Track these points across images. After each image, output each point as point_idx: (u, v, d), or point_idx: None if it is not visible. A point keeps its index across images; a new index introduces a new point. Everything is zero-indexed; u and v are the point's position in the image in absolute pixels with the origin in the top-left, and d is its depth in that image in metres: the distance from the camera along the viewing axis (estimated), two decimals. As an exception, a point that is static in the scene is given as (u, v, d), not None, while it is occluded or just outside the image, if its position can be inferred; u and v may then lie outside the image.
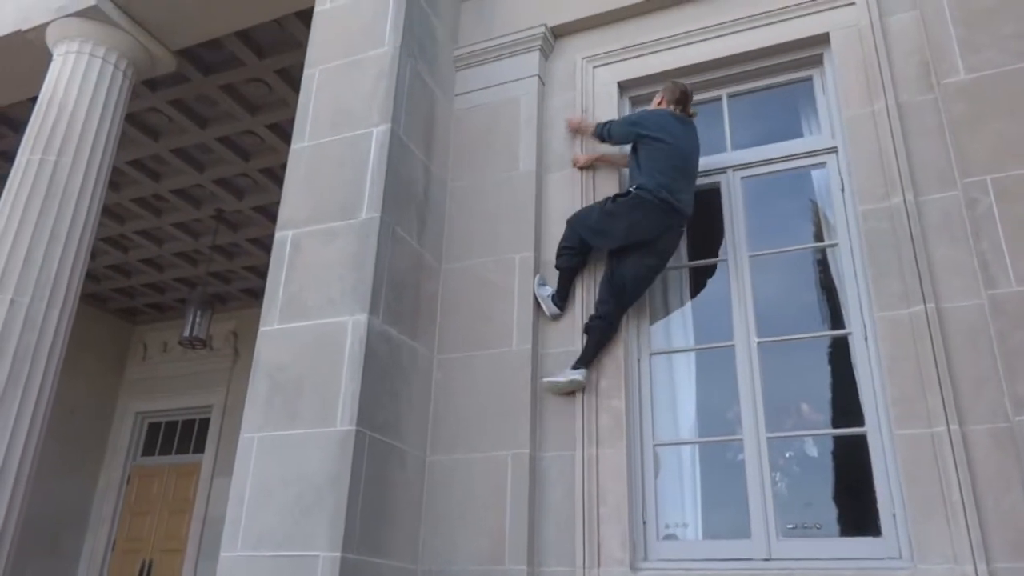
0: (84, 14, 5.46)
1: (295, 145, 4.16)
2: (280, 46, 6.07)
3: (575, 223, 3.99)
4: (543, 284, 4.03)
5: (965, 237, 3.33)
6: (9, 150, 6.87)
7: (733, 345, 3.73)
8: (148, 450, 10.58)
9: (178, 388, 10.34)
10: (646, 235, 3.74)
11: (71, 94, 5.35)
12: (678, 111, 3.95)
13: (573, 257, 3.97)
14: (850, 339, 3.55)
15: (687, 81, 4.20)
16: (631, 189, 3.78)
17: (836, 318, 3.71)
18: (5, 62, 6.03)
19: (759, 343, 3.68)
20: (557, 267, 4.02)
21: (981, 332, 3.17)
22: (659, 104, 4.03)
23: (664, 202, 3.70)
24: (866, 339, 3.48)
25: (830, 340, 3.70)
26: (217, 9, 5.52)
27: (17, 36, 5.76)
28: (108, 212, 8.12)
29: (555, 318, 3.97)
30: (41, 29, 5.63)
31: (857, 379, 3.47)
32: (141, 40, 5.66)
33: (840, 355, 3.61)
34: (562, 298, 3.96)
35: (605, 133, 4.05)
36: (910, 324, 3.28)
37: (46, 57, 5.67)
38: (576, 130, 4.32)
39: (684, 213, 3.78)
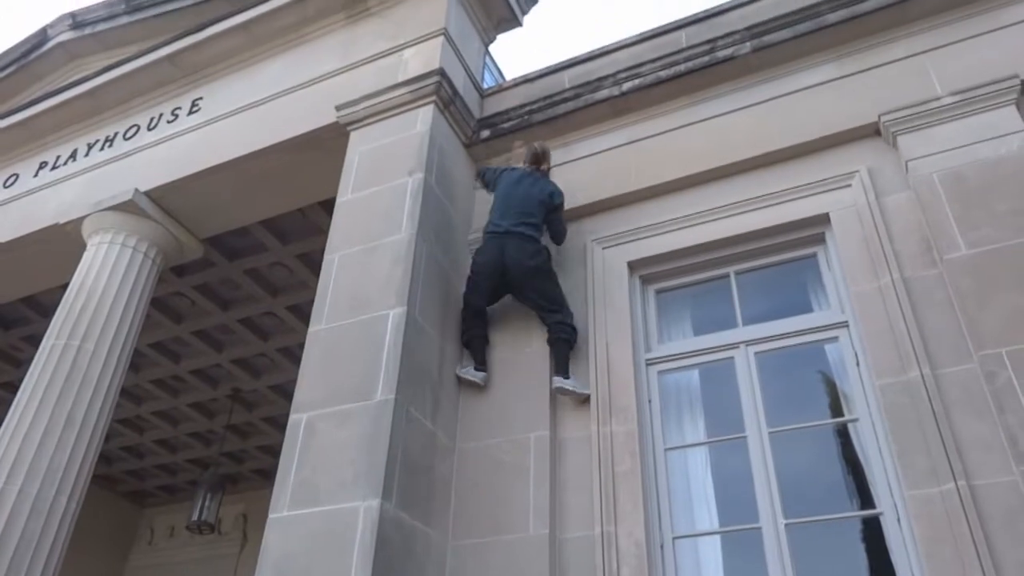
0: (120, 207, 5.80)
1: (313, 328, 4.24)
2: (302, 232, 6.37)
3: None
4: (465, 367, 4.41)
5: (988, 410, 3.26)
6: (36, 335, 7.04)
7: (760, 528, 3.57)
8: (148, 646, 9.98)
9: (185, 575, 9.91)
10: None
11: (100, 281, 5.56)
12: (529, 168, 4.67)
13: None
14: (882, 519, 3.40)
15: (697, 260, 4.40)
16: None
17: (864, 495, 3.56)
18: (40, 252, 6.35)
19: (787, 524, 3.52)
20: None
21: (1019, 510, 3.02)
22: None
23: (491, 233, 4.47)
24: (899, 520, 3.32)
25: (861, 520, 3.54)
26: (248, 201, 5.86)
27: (55, 228, 6.11)
28: (126, 393, 8.18)
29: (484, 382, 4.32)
30: (78, 222, 5.96)
31: (894, 564, 3.28)
32: (171, 230, 5.96)
33: (873, 536, 3.42)
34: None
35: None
36: (943, 504, 3.14)
37: (79, 246, 5.95)
38: None
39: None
